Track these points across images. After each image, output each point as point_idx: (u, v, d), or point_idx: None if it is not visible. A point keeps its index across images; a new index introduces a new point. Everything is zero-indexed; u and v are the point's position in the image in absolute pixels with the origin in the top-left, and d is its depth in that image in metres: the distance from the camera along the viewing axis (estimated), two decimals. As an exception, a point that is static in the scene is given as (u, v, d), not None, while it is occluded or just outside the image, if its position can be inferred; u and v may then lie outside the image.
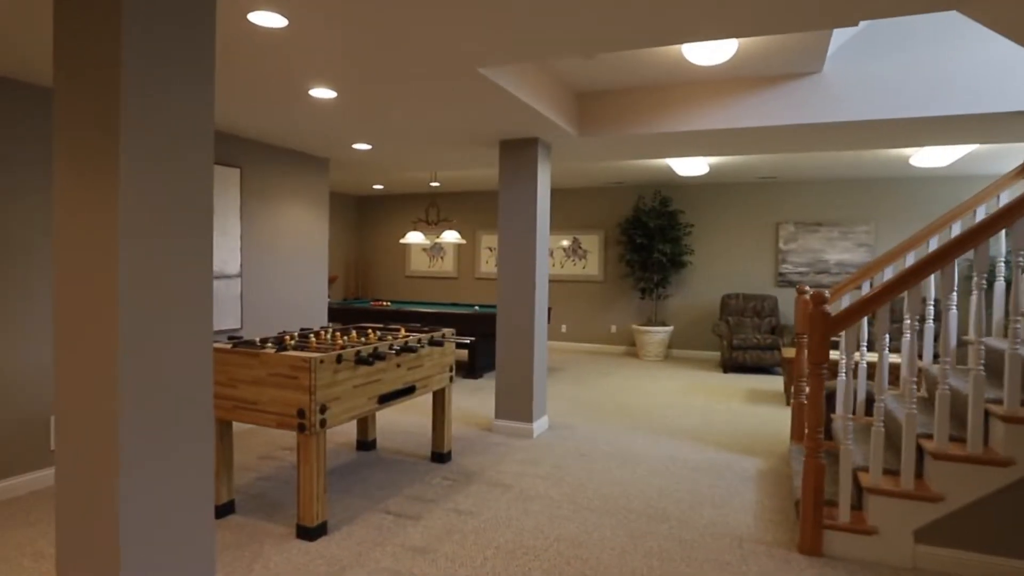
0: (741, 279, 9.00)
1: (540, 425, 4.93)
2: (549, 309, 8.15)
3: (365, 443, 4.35)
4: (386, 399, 3.35)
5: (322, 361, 2.84)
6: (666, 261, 8.81)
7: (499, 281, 4.91)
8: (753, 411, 5.76)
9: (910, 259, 3.98)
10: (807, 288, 4.18)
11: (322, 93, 3.63)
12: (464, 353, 8.62)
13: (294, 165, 5.57)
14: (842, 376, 4.06)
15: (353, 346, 3.24)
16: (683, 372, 7.91)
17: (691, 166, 7.15)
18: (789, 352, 6.39)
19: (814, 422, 2.88)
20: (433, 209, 11.21)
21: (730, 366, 8.16)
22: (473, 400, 6.05)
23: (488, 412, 5.58)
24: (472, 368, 7.32)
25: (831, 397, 4.41)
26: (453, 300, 10.97)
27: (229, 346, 3.11)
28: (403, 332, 3.87)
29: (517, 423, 4.84)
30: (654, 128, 4.46)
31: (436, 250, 11.05)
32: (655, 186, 9.38)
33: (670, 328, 8.87)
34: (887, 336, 2.89)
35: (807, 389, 4.08)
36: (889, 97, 3.95)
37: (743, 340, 7.83)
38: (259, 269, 5.21)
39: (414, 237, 8.30)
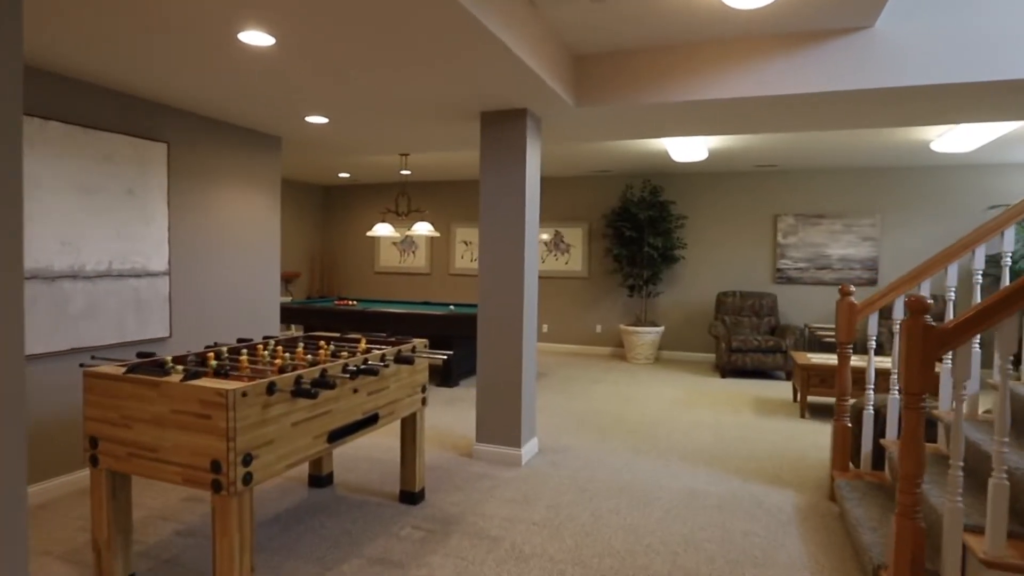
0: (737, 275, 8.37)
1: (529, 449, 4.19)
2: (531, 308, 7.41)
3: (319, 478, 3.55)
4: (339, 435, 2.56)
5: (244, 394, 2.04)
6: (657, 256, 8.14)
7: (481, 278, 4.15)
8: (767, 425, 5.10)
9: (952, 271, 3.32)
10: (852, 288, 3.50)
11: (257, 38, 2.81)
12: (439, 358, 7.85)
13: (239, 143, 4.71)
14: (945, 406, 3.41)
15: (295, 367, 2.44)
16: (677, 377, 7.24)
17: (689, 151, 6.47)
18: (801, 357, 5.76)
19: (911, 471, 2.17)
20: (403, 199, 10.37)
21: (728, 370, 7.52)
22: (450, 414, 5.28)
23: (467, 430, 4.81)
24: (448, 375, 6.54)
25: (859, 415, 3.74)
26: (426, 299, 10.16)
27: (121, 370, 2.29)
28: (363, 344, 3.08)
29: (503, 448, 4.09)
30: (670, 96, 3.73)
31: (407, 244, 10.22)
32: (644, 175, 8.69)
33: (661, 328, 8.21)
34: (1009, 356, 2.19)
35: (858, 409, 3.39)
36: (966, 56, 3.28)
37: (743, 342, 7.20)
38: (193, 265, 4.36)
39: (382, 230, 7.47)
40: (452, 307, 7.41)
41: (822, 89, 3.49)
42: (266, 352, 2.68)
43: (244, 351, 2.68)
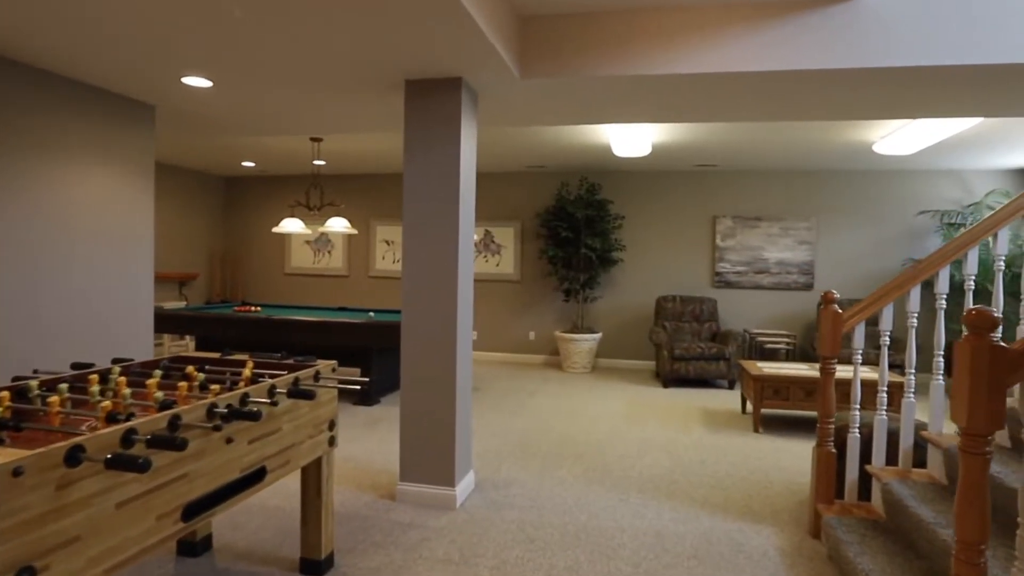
0: (676, 279, 8.02)
1: (465, 487, 3.51)
2: (461, 315, 6.72)
3: (191, 545, 2.72)
4: (204, 508, 1.80)
5: (18, 472, 1.26)
6: (595, 258, 7.65)
7: (405, 284, 3.44)
8: (722, 443, 4.65)
9: (943, 276, 2.93)
10: (835, 294, 3.04)
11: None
12: (356, 372, 7.00)
13: (94, 109, 3.77)
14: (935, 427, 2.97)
15: (126, 416, 1.66)
16: (618, 387, 6.76)
17: (633, 145, 6.00)
18: (752, 366, 5.38)
19: (972, 537, 1.66)
20: (316, 191, 9.42)
21: (671, 379, 7.12)
22: (369, 441, 4.51)
23: (390, 461, 4.08)
24: (367, 392, 5.75)
25: (844, 441, 3.30)
26: (343, 304, 9.26)
27: None
28: (248, 370, 2.31)
29: (433, 488, 3.38)
30: (631, 68, 3.16)
31: (322, 243, 9.29)
32: (581, 172, 8.20)
33: (598, 335, 7.73)
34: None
35: (840, 431, 2.87)
36: (963, 35, 2.89)
37: (685, 350, 6.81)
38: (27, 266, 3.40)
39: (291, 225, 6.59)
40: (371, 314, 6.62)
41: (798, 67, 3.03)
42: (96, 389, 1.87)
43: (63, 386, 1.86)
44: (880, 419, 2.99)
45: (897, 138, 5.57)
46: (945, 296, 2.95)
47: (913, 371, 2.98)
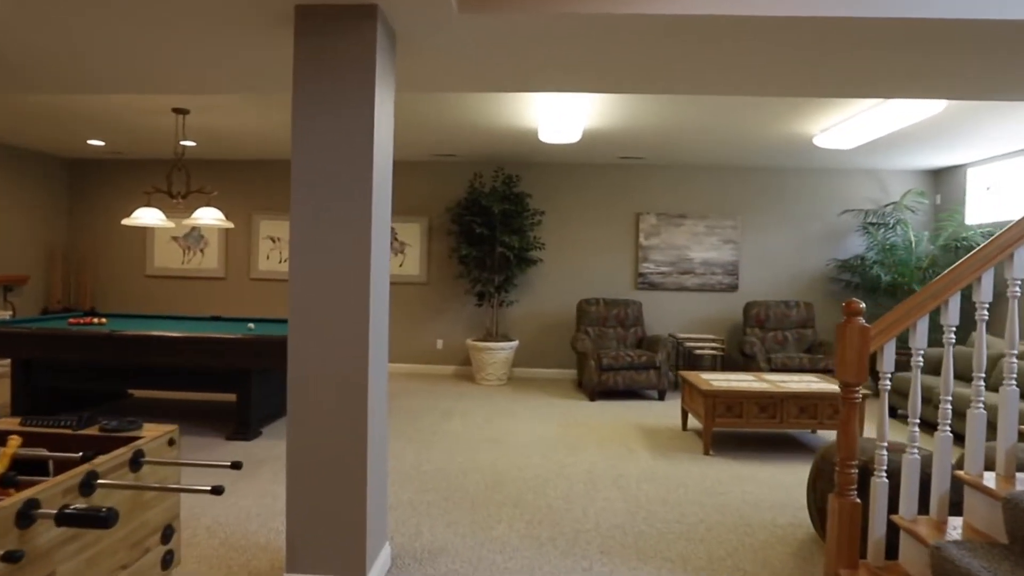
0: (598, 281, 7.43)
1: (380, 570, 2.58)
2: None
3: None
4: None
5: None
6: (512, 257, 6.88)
7: (292, 290, 2.46)
8: (675, 473, 4.02)
9: (986, 283, 2.41)
10: (860, 305, 2.42)
11: None
12: (232, 399, 5.75)
13: None
14: (974, 467, 2.38)
15: None
16: (541, 403, 6.03)
17: (562, 131, 5.27)
18: (697, 378, 4.82)
19: None
20: (180, 174, 7.95)
21: (598, 392, 6.49)
22: (246, 496, 3.44)
23: (274, 533, 3.06)
24: (244, 422, 4.62)
25: (866, 485, 2.73)
26: (218, 312, 7.88)
27: None
28: (6, 457, 1.28)
29: (335, 576, 2.43)
30: (606, 6, 2.39)
31: (193, 239, 7.86)
32: (497, 162, 7.40)
33: (515, 343, 6.97)
34: None
35: (862, 475, 2.37)
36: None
37: (614, 359, 6.19)
38: None
39: (146, 216, 5.29)
40: (251, 325, 5.45)
41: (810, 13, 2.39)
42: None
43: None
44: (912, 459, 2.41)
45: (838, 132, 5.24)
46: (987, 306, 2.42)
47: (949, 399, 2.43)
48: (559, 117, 4.91)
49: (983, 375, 2.42)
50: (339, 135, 2.42)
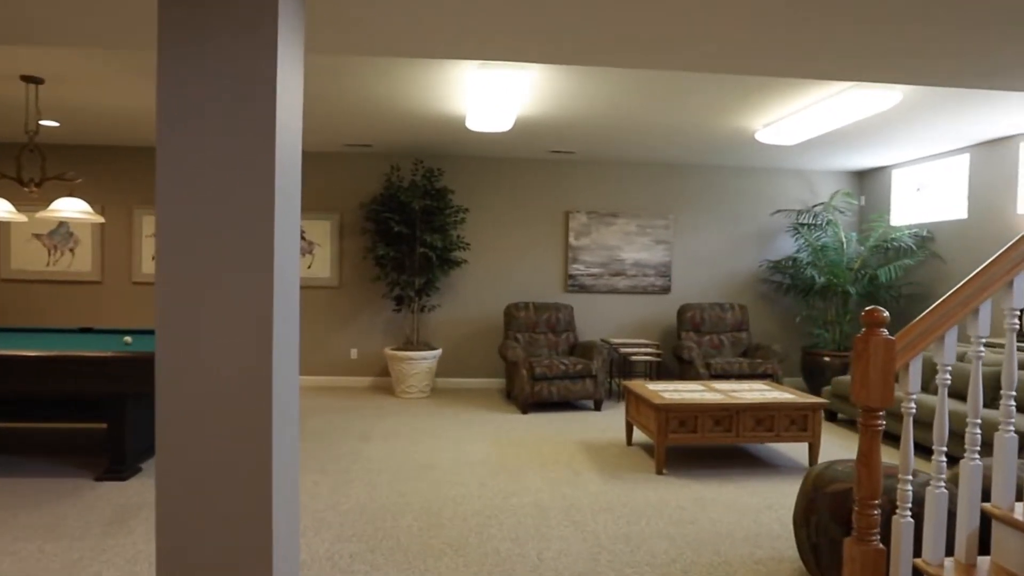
0: (526, 283, 6.95)
1: (290, 673, 1.93)
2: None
3: None
4: None
5: None
6: (434, 258, 6.26)
7: (161, 298, 1.76)
8: (632, 496, 3.58)
9: (1019, 288, 2.11)
10: (884, 313, 2.03)
11: None
12: (102, 428, 4.76)
13: None
14: (1004, 500, 2.01)
15: None
16: (470, 417, 5.45)
17: (493, 118, 4.73)
18: (644, 389, 4.42)
19: None
20: (35, 156, 6.72)
21: (531, 403, 5.99)
22: (114, 559, 2.64)
23: (140, 616, 2.31)
24: (117, 458, 3.75)
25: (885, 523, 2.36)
26: (89, 323, 6.73)
27: None
28: None
29: None
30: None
31: (61, 237, 6.68)
32: (416, 154, 6.75)
33: (438, 352, 6.36)
34: None
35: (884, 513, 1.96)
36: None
37: (548, 368, 5.73)
38: None
39: (-19, 206, 4.26)
40: (128, 339, 4.53)
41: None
42: None
43: None
44: (939, 493, 2.06)
45: (780, 127, 5.03)
46: (1019, 312, 2.10)
47: (979, 421, 2.10)
48: (491, 102, 4.36)
49: (1013, 393, 2.11)
50: (229, 101, 1.75)
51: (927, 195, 6.35)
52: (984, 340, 2.11)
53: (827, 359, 6.21)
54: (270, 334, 1.78)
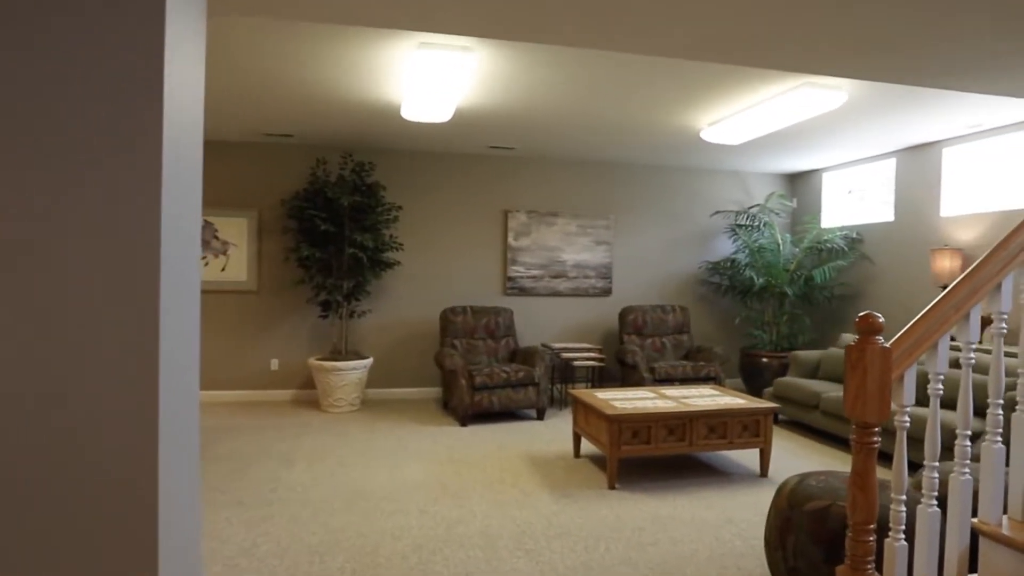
0: (464, 286, 6.61)
1: None
2: (168, 345, 4.34)
3: None
4: None
5: None
6: (365, 259, 5.82)
7: None
8: (586, 519, 3.31)
9: (1005, 290, 1.98)
10: (879, 318, 1.84)
11: None
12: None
13: None
14: (993, 515, 1.84)
15: None
16: (406, 433, 5.06)
17: (431, 107, 4.38)
18: (594, 398, 4.18)
19: None
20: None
21: (471, 414, 5.66)
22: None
23: None
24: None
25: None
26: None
27: None
28: None
29: None
30: None
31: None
32: (345, 146, 6.28)
33: (368, 361, 5.92)
34: None
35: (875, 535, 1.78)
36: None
37: (489, 377, 5.41)
38: None
39: None
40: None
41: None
42: None
43: None
44: (932, 512, 1.88)
45: (726, 126, 4.93)
46: (1006, 316, 1.97)
47: (968, 432, 1.94)
48: (429, 89, 4.00)
49: (1000, 401, 1.97)
50: (96, 74, 1.34)
51: (856, 198, 6.47)
52: (974, 346, 1.96)
53: (765, 360, 6.20)
54: (155, 349, 1.37)
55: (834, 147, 5.81)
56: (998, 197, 5.04)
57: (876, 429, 1.83)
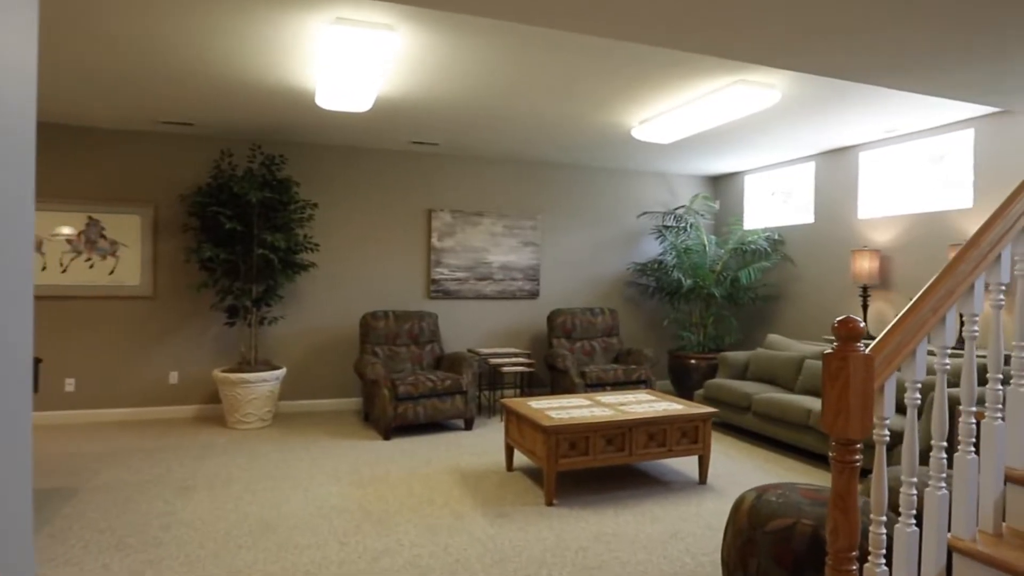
0: (386, 289, 6.22)
1: None
2: (37, 360, 3.78)
3: None
4: None
5: None
6: (276, 261, 5.32)
7: None
8: (528, 543, 3.05)
9: (977, 291, 1.88)
10: (860, 322, 1.67)
11: None
12: None
13: None
14: (964, 531, 1.71)
15: None
16: (323, 448, 4.63)
17: (349, 95, 4.00)
18: (526, 407, 3.94)
19: None
20: None
21: (394, 427, 5.28)
22: None
23: None
24: None
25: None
26: None
27: None
28: None
29: None
30: None
31: None
32: (253, 137, 5.74)
33: (281, 371, 5.42)
34: None
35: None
36: None
37: (413, 386, 5.06)
38: None
39: None
40: None
41: None
42: None
43: None
44: (910, 532, 1.75)
45: (658, 124, 4.82)
46: (977, 319, 1.86)
47: (944, 444, 1.82)
48: (346, 72, 3.63)
49: (973, 409, 1.87)
50: None
51: (779, 200, 6.59)
52: (949, 351, 1.85)
53: (694, 362, 6.19)
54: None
55: (757, 150, 5.87)
56: (911, 200, 5.22)
57: (859, 446, 1.67)
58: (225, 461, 4.30)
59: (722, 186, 7.29)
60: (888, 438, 1.76)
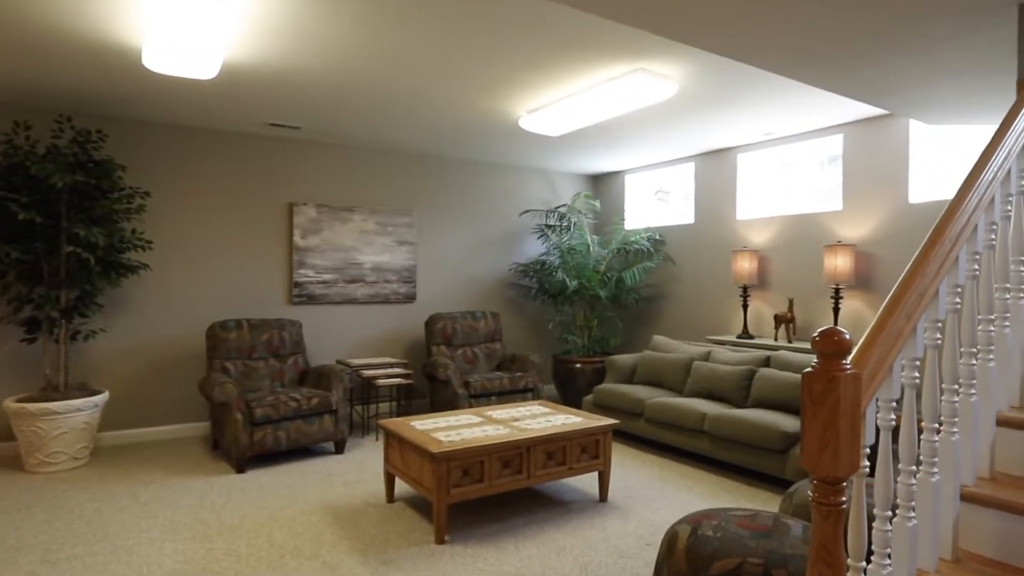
0: (238, 295, 5.37)
1: None
2: None
3: None
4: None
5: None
6: (93, 261, 4.33)
7: None
8: (419, 597, 2.55)
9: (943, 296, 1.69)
10: (845, 334, 1.37)
11: None
12: None
13: None
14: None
15: None
16: (159, 490, 3.78)
17: (185, 55, 3.24)
18: (411, 431, 3.42)
19: None
20: None
21: (250, 457, 4.50)
22: None
23: None
24: None
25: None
26: None
27: None
28: None
29: None
30: None
31: None
32: (61, 107, 4.67)
33: (102, 395, 4.45)
34: None
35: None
36: None
37: (273, 407, 4.34)
38: None
39: None
40: None
41: None
42: None
43: None
44: (887, 573, 1.49)
45: (548, 114, 4.51)
46: (941, 323, 1.65)
47: (914, 469, 1.59)
48: (183, 25, 2.90)
49: (936, 426, 1.67)
50: None
51: (659, 200, 6.58)
52: (917, 362, 1.63)
53: (579, 366, 5.97)
54: None
55: (640, 148, 5.77)
56: (786, 202, 5.35)
57: (844, 485, 1.37)
58: (16, 522, 3.34)
59: (603, 185, 7.19)
60: (868, 470, 1.49)
